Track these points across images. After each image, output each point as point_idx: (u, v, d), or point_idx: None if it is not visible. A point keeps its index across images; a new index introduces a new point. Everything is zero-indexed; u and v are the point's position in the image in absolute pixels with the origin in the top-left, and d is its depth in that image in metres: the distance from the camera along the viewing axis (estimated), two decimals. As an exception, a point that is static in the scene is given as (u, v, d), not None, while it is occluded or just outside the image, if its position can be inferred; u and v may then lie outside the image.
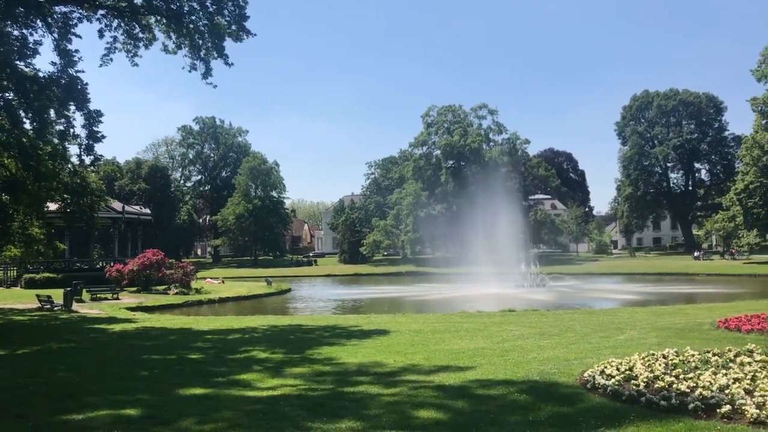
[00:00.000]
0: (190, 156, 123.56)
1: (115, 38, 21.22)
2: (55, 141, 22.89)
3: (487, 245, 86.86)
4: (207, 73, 21.51)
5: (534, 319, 20.90)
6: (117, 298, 37.29)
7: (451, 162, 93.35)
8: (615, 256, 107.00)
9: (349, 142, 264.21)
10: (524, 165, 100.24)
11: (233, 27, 20.91)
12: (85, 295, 36.85)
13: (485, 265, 72.34)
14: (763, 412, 6.74)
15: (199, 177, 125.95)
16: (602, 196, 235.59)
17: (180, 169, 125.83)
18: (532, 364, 11.12)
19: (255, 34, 21.47)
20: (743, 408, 6.91)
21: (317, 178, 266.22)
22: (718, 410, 7.00)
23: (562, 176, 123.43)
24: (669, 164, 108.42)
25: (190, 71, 21.46)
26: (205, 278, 56.34)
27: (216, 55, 21.18)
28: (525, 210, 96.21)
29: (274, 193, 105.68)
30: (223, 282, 56.12)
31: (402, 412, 7.79)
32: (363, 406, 8.21)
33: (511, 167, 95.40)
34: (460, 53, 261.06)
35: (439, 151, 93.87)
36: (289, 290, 49.94)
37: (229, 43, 21.28)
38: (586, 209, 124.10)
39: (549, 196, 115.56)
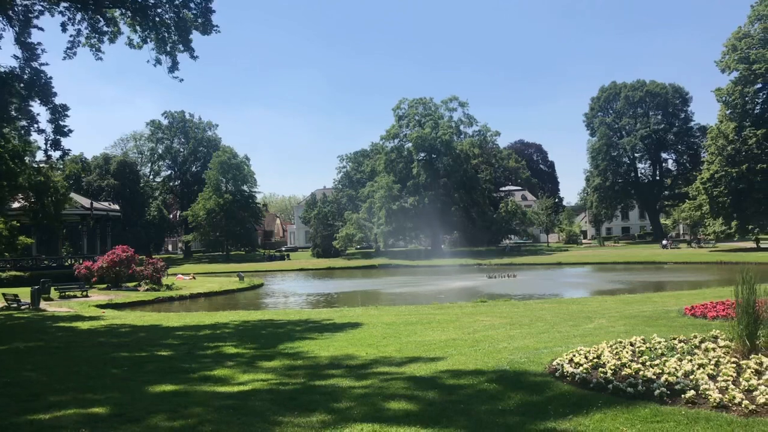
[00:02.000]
0: (160, 151, 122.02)
1: (78, 31, 20.85)
2: (17, 139, 22.42)
3: (459, 237, 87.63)
4: (173, 67, 21.25)
5: (505, 310, 21.07)
6: (86, 296, 36.78)
7: (422, 154, 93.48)
8: (585, 245, 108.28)
9: (320, 136, 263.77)
10: (495, 157, 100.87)
11: (200, 20, 20.64)
12: (54, 294, 36.24)
13: (457, 256, 72.74)
14: (726, 396, 6.87)
15: (169, 172, 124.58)
16: (572, 186, 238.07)
17: (149, 165, 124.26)
18: (502, 354, 11.19)
19: (219, 31, 21.22)
20: (707, 393, 7.03)
21: (289, 172, 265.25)
22: (682, 395, 7.11)
23: (532, 167, 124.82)
24: (636, 154, 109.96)
25: (155, 65, 21.22)
26: (176, 274, 55.81)
27: (182, 49, 20.91)
28: (496, 201, 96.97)
29: (245, 188, 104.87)
30: (194, 278, 55.61)
31: (373, 404, 7.80)
32: (334, 399, 8.20)
33: (481, 159, 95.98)
34: (429, 48, 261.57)
35: (410, 144, 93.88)
36: (261, 285, 49.71)
37: (196, 37, 21.03)
38: (556, 200, 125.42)
39: (519, 187, 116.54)
